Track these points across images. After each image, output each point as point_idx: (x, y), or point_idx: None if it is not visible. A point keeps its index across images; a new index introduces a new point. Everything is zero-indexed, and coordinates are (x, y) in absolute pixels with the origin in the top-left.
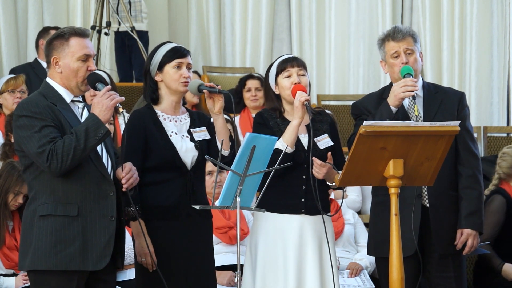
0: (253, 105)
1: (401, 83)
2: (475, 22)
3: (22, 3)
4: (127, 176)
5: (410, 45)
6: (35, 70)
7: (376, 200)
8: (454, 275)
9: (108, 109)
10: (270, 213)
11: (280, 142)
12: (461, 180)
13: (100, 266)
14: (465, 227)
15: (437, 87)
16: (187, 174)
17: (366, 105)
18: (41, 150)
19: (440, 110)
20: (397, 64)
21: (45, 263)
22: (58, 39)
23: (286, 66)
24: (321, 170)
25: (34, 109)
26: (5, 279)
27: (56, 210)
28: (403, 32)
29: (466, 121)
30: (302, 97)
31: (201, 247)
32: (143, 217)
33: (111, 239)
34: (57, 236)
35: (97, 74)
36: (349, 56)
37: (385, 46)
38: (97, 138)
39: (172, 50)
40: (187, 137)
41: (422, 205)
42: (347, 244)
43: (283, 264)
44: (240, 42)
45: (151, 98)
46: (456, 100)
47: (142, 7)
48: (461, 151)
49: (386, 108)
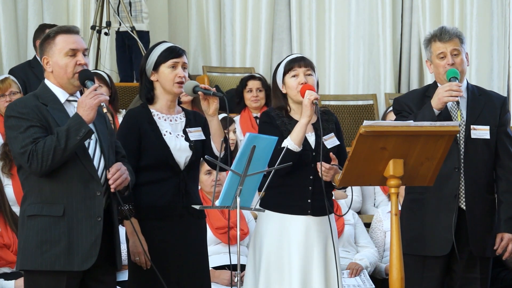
0: (254, 106)
1: (446, 87)
2: (475, 22)
3: (22, 3)
4: (114, 176)
5: (456, 46)
6: (33, 70)
7: (411, 197)
8: (480, 276)
9: (91, 108)
10: (275, 213)
11: (287, 141)
12: (501, 184)
13: (85, 267)
14: (505, 231)
15: (481, 89)
16: (180, 174)
17: (408, 102)
18: (23, 150)
19: (483, 113)
20: (443, 65)
21: (32, 263)
22: (46, 40)
23: (293, 66)
24: (328, 173)
25: (22, 109)
26: (5, 282)
27: (42, 210)
28: (450, 33)
29: (507, 126)
30: (312, 96)
31: (194, 247)
32: (136, 217)
33: (98, 240)
34: (42, 236)
35: (88, 71)
36: (349, 56)
37: (432, 46)
38: (78, 138)
39: (168, 50)
40: (182, 137)
41: (458, 206)
42: (347, 244)
43: (288, 265)
44: (240, 42)
45: (146, 97)
46: (499, 104)
47: (142, 7)
48: (501, 155)
49: (429, 109)
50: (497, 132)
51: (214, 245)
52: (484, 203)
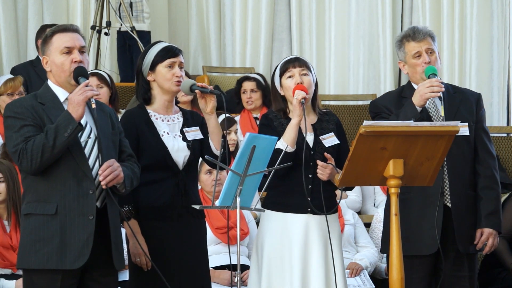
0: (249, 108)
1: (426, 83)
2: (475, 22)
3: (22, 3)
4: (105, 173)
5: (430, 45)
6: (35, 69)
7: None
8: (468, 274)
9: (79, 104)
10: (276, 212)
11: (280, 142)
12: (480, 180)
13: (78, 265)
14: (485, 226)
15: (455, 87)
16: (179, 174)
17: (386, 104)
18: (14, 149)
19: (460, 111)
20: (419, 64)
21: (26, 261)
22: (45, 40)
23: (288, 67)
24: (324, 171)
25: (17, 109)
26: (5, 282)
27: (36, 209)
28: (423, 32)
29: (483, 122)
30: (299, 95)
31: (193, 246)
32: (136, 217)
33: (90, 238)
34: (36, 234)
35: (82, 68)
36: (349, 56)
37: (405, 47)
38: (65, 135)
39: (164, 49)
40: (179, 137)
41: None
42: (347, 244)
43: (289, 263)
44: (240, 42)
45: (143, 98)
46: (474, 100)
47: (143, 7)
48: (480, 151)
49: (411, 107)
50: (474, 128)
51: (214, 245)
52: (468, 200)
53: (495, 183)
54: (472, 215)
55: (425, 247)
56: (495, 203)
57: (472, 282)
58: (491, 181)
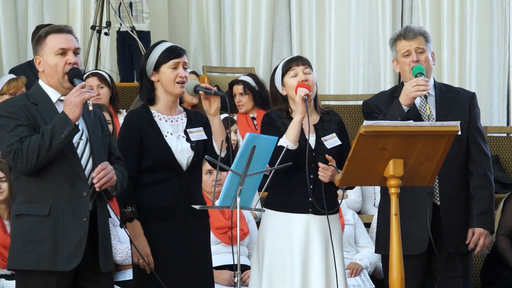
0: (241, 111)
1: (413, 83)
2: (475, 22)
3: (22, 3)
4: (99, 175)
5: (421, 44)
6: (33, 70)
7: (386, 198)
8: (462, 274)
9: (76, 106)
10: (277, 212)
11: (283, 139)
12: (472, 179)
13: (70, 267)
14: (477, 226)
15: (448, 87)
16: (183, 175)
17: (378, 103)
18: (9, 149)
19: (452, 110)
20: (407, 62)
21: (18, 262)
22: (38, 40)
23: (292, 66)
24: (325, 173)
25: (10, 109)
26: (5, 282)
27: (28, 210)
28: (415, 31)
29: (477, 121)
30: (302, 92)
31: (198, 247)
32: (139, 218)
33: (83, 240)
34: (28, 235)
35: (77, 69)
36: (349, 56)
37: (397, 45)
38: (62, 136)
39: (168, 50)
40: (183, 137)
41: (433, 203)
42: (347, 244)
43: (290, 263)
44: (240, 42)
45: (147, 98)
46: (468, 99)
47: (143, 7)
48: (473, 151)
49: (398, 107)
50: (467, 127)
51: (214, 245)
52: (459, 199)
53: (488, 183)
54: (464, 215)
55: (413, 247)
56: (487, 203)
57: (466, 282)
58: (484, 180)
